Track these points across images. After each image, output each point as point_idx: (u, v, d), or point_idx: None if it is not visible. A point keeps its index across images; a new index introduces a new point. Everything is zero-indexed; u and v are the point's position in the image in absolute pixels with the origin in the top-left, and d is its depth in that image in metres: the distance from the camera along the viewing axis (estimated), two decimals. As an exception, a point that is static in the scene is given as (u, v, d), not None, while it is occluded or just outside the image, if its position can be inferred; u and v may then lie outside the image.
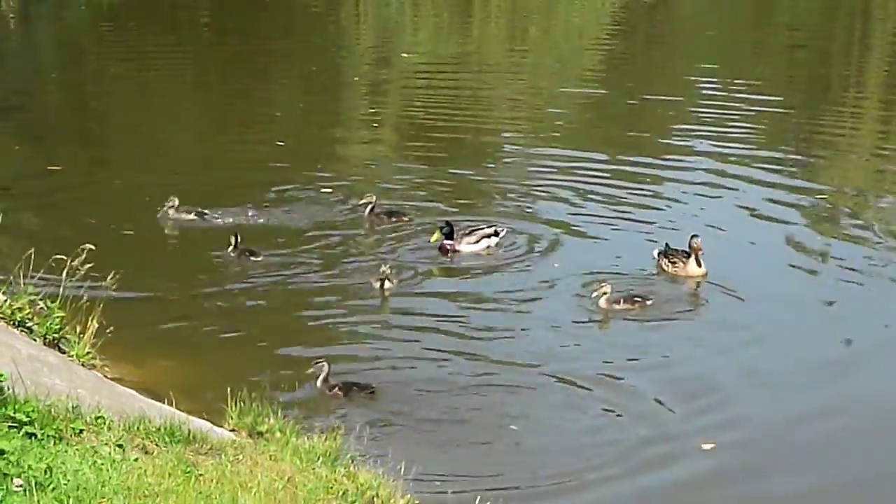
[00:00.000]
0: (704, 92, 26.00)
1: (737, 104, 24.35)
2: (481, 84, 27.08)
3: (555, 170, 19.14)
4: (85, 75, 27.82)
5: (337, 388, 11.09)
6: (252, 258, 14.49)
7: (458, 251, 15.10)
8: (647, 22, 38.33)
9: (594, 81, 27.89)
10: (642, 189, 18.06)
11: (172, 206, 15.80)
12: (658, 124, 23.01)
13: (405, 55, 29.11)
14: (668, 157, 20.08)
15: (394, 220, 16.07)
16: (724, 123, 22.57)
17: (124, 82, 26.31)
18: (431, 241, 15.21)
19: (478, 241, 15.12)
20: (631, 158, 19.79)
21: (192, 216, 15.86)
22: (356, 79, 27.47)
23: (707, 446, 10.41)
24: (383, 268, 13.61)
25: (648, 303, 13.31)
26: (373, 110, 23.80)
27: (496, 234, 15.25)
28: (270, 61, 28.81)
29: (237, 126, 21.95)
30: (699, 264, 14.23)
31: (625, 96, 25.84)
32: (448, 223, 15.28)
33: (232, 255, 14.55)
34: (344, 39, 34.22)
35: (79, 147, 20.51)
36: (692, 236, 14.38)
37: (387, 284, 13.50)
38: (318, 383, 11.16)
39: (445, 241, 15.11)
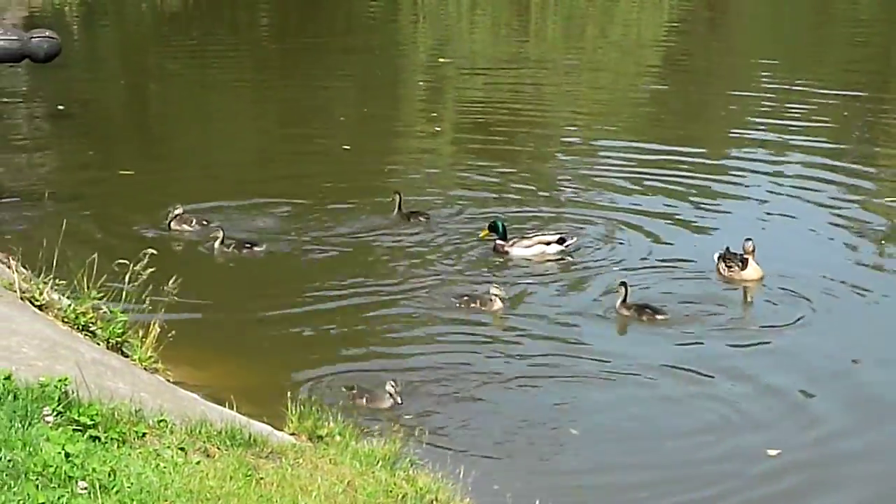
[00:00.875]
0: (765, 86, 25.81)
1: (798, 98, 24.29)
2: (540, 82, 27.10)
3: (616, 167, 19.19)
4: (149, 80, 28.11)
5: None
6: (252, 248, 14.69)
7: (508, 252, 14.97)
8: (706, 18, 38.09)
9: (654, 77, 27.85)
10: (705, 186, 18.02)
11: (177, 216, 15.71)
12: (719, 119, 23.00)
13: (442, 60, 29.11)
14: (731, 152, 20.13)
15: (411, 220, 16.08)
16: (785, 117, 22.55)
17: (189, 87, 26.57)
18: (481, 236, 15.24)
19: (531, 247, 14.93)
20: (693, 155, 19.81)
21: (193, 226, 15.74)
22: (418, 82, 27.51)
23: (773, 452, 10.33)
24: (494, 290, 13.19)
25: (660, 317, 13.03)
26: (434, 114, 23.81)
27: (561, 241, 15.01)
28: (332, 65, 28.92)
29: (303, 130, 22.02)
30: (755, 268, 14.10)
31: (685, 92, 25.76)
32: (499, 221, 15.17)
33: (225, 249, 14.67)
34: (403, 41, 34.29)
35: (148, 152, 20.66)
36: (746, 239, 14.28)
37: (497, 305, 13.14)
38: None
39: (498, 241, 15.03)
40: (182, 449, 7.26)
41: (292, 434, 8.71)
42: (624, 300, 13.12)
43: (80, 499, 6.04)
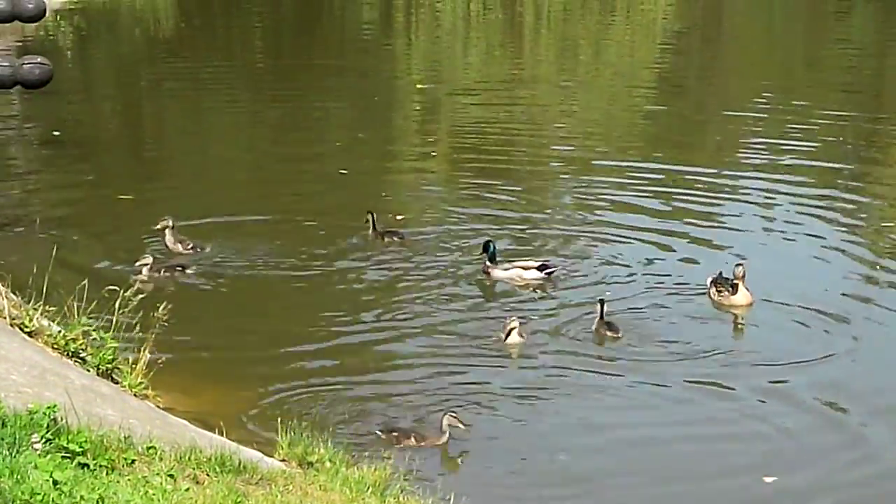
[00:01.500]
0: (758, 106, 25.89)
1: (791, 118, 24.39)
2: (534, 103, 27.22)
3: (610, 187, 19.23)
4: (144, 104, 28.14)
5: None
6: (184, 271, 14.75)
7: (489, 274, 15.24)
8: (699, 39, 38.26)
9: (647, 98, 27.97)
10: (700, 207, 18.05)
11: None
12: (714, 139, 23.02)
13: (419, 86, 29.23)
14: (725, 172, 20.12)
15: (385, 239, 16.23)
16: (779, 137, 22.60)
17: (184, 112, 26.63)
18: (479, 254, 15.45)
19: (508, 270, 15.19)
20: (688, 175, 19.85)
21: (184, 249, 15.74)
22: (413, 104, 27.59)
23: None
24: (513, 323, 13.08)
25: (618, 335, 13.20)
26: (430, 139, 23.81)
27: (542, 268, 15.19)
28: (326, 87, 29.00)
29: (298, 151, 22.09)
30: (744, 293, 14.11)
31: (679, 112, 25.87)
32: (491, 242, 15.42)
33: (155, 275, 14.66)
34: (397, 63, 34.39)
35: (142, 176, 20.61)
36: (736, 265, 14.31)
37: (514, 338, 12.99)
38: None
39: (487, 263, 15.30)
40: (171, 476, 7.24)
41: (282, 460, 8.72)
42: (601, 318, 13.28)
43: (67, 527, 6.02)
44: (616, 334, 13.13)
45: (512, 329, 12.94)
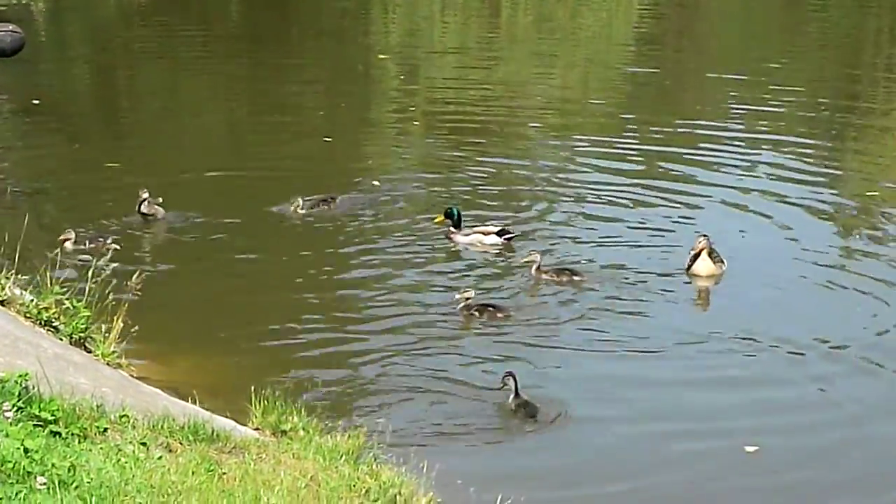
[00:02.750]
0: (735, 82, 25.94)
1: (770, 83, 24.56)
2: (512, 78, 27.27)
3: (584, 161, 19.29)
4: (120, 72, 28.00)
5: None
6: (106, 242, 14.21)
7: (451, 238, 15.47)
8: (678, 15, 38.25)
9: (625, 63, 28.07)
10: (675, 185, 18.09)
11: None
12: (689, 114, 23.03)
13: (381, 56, 29.21)
14: (700, 147, 20.16)
15: (322, 206, 16.29)
16: (755, 114, 22.69)
17: (161, 80, 26.51)
18: (434, 222, 15.69)
19: (469, 235, 15.43)
20: (664, 150, 19.93)
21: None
22: (395, 76, 27.56)
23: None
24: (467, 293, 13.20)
25: (577, 278, 13.81)
26: (413, 108, 23.80)
27: (501, 234, 15.39)
28: (306, 62, 28.91)
29: (286, 125, 22.03)
30: (704, 264, 14.21)
31: (658, 85, 25.93)
32: (453, 209, 15.60)
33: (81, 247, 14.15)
34: (373, 31, 34.31)
35: (121, 144, 20.46)
36: (699, 237, 14.40)
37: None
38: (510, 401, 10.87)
39: (451, 228, 15.52)
40: (144, 444, 7.25)
41: (256, 429, 8.72)
42: (538, 268, 13.83)
43: (38, 494, 6.02)
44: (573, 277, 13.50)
45: (467, 297, 13.06)
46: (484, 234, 15.43)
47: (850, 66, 29.53)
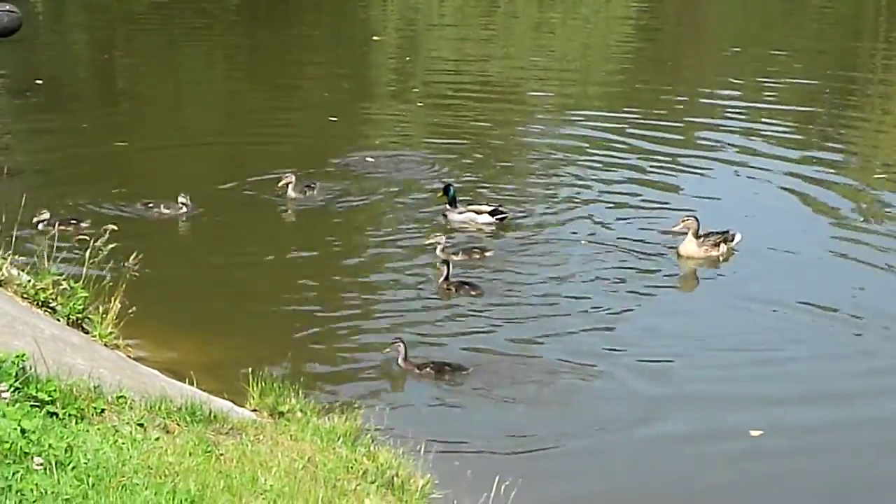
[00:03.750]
0: (732, 69, 25.96)
1: (767, 65, 24.63)
2: (510, 53, 27.35)
3: (582, 128, 19.36)
4: (121, 53, 28.01)
5: (428, 368, 11.02)
6: (78, 224, 14.03)
7: (446, 216, 15.61)
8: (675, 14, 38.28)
9: (623, 41, 28.13)
10: (671, 168, 18.11)
11: None
12: (686, 97, 23.05)
13: (375, 38, 29.18)
14: (698, 134, 20.16)
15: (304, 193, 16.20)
16: (754, 88, 22.77)
17: (163, 61, 26.52)
18: (437, 197, 15.88)
19: (462, 214, 15.55)
20: (661, 120, 20.02)
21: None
22: (390, 48, 27.59)
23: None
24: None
25: (488, 254, 14.09)
26: (416, 90, 23.81)
27: (494, 213, 15.49)
28: (309, 45, 28.92)
29: (289, 104, 22.05)
30: (686, 245, 14.29)
31: (656, 61, 25.96)
32: (450, 186, 15.72)
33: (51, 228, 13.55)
34: (373, 22, 34.30)
35: (125, 125, 20.45)
36: (684, 217, 14.49)
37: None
38: (400, 363, 11.09)
39: (447, 206, 15.67)
40: (141, 425, 7.24)
41: (253, 410, 8.72)
42: (444, 249, 13.94)
43: (35, 475, 6.01)
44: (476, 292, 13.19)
45: (437, 244, 13.57)
46: (477, 212, 15.56)
47: (852, 39, 29.68)
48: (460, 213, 15.59)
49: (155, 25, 30.65)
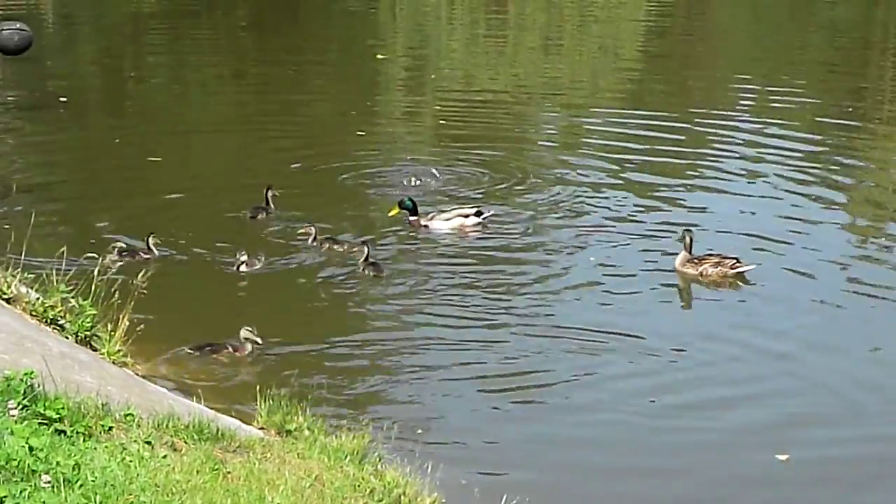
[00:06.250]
0: (743, 87, 26.02)
1: (778, 71, 24.83)
2: (519, 69, 27.51)
3: (586, 162, 19.35)
4: (135, 70, 28.10)
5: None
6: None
7: (427, 227, 15.59)
8: (685, 23, 38.34)
9: (634, 62, 28.27)
10: (674, 186, 18.12)
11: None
12: (694, 116, 23.09)
13: (379, 56, 29.28)
14: (705, 151, 20.17)
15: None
16: (761, 116, 22.78)
17: (177, 80, 26.60)
18: (390, 214, 15.76)
19: (450, 220, 15.58)
20: (666, 154, 19.94)
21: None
22: (399, 70, 27.67)
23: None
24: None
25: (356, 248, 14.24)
26: (438, 106, 23.82)
27: (478, 214, 15.59)
28: (319, 65, 29.01)
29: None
30: (679, 259, 14.31)
31: (663, 89, 26.01)
32: (411, 200, 15.73)
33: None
34: (382, 32, 34.45)
35: (146, 144, 20.41)
36: (684, 231, 14.54)
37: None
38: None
39: (410, 217, 15.64)
40: (149, 443, 7.24)
41: (261, 428, 8.72)
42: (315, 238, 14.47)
43: (43, 493, 6.01)
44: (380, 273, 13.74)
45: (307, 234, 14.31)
46: (464, 216, 15.58)
47: (860, 54, 29.81)
48: (447, 219, 15.56)
49: (164, 41, 30.79)
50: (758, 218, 16.42)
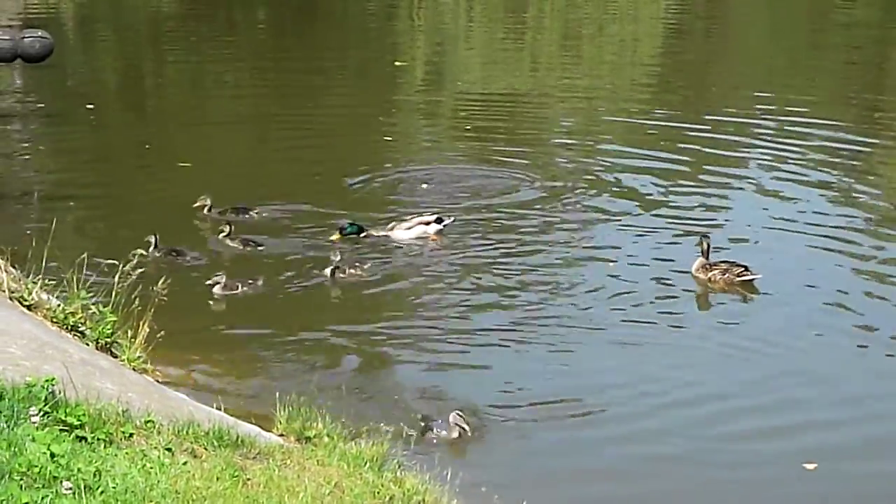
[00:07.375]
0: (761, 88, 25.98)
1: (796, 77, 24.77)
2: (539, 79, 27.54)
3: (602, 168, 19.29)
4: (157, 76, 28.19)
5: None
6: (178, 258, 14.23)
7: (389, 236, 15.48)
8: (703, 32, 38.32)
9: (651, 75, 28.28)
10: (694, 188, 18.11)
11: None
12: (717, 97, 23.15)
13: (397, 63, 29.30)
14: (724, 153, 20.13)
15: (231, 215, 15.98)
16: (780, 116, 22.78)
17: (200, 87, 26.67)
18: (333, 239, 15.28)
19: (411, 228, 15.48)
20: (683, 158, 19.88)
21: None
22: (418, 80, 27.71)
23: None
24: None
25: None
26: (463, 113, 23.73)
27: (439, 221, 15.54)
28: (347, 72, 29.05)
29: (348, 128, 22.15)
30: (695, 265, 14.32)
31: (679, 92, 26.00)
32: (351, 223, 15.45)
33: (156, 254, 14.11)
34: (400, 39, 34.49)
35: (169, 150, 20.42)
36: (702, 237, 14.53)
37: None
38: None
39: (361, 234, 15.38)
40: (169, 449, 7.26)
41: (280, 435, 8.72)
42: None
43: (64, 499, 6.03)
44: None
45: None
46: (426, 224, 15.49)
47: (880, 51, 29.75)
48: (409, 228, 15.45)
49: (184, 44, 30.88)
50: (776, 222, 16.36)
